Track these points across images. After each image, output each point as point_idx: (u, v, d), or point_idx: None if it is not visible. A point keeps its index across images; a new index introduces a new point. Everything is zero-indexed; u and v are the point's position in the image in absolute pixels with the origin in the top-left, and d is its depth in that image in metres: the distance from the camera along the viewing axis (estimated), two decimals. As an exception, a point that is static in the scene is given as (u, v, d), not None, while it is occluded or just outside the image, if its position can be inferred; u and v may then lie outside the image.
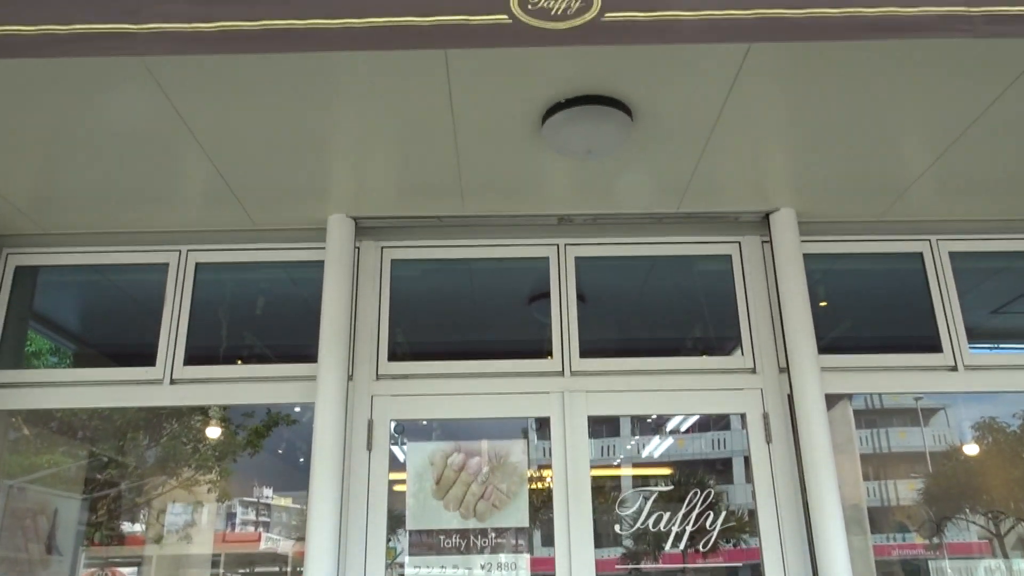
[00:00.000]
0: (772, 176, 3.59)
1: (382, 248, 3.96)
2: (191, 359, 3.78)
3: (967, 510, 4.89)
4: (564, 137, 3.11)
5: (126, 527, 6.38)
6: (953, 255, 3.98)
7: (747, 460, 3.72)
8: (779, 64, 2.83)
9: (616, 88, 2.95)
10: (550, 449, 3.66)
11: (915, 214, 3.91)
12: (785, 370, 3.70)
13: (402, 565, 3.57)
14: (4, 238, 3.96)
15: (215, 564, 5.99)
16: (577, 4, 2.32)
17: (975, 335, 3.90)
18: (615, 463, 4.69)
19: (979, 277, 4.14)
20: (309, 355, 3.67)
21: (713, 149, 3.33)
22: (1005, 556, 4.41)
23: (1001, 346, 4.16)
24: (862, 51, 2.76)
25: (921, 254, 4.00)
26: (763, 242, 3.97)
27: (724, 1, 2.31)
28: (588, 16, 2.31)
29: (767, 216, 3.88)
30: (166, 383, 3.75)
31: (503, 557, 3.58)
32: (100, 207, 3.71)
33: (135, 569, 5.91)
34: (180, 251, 3.96)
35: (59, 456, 5.35)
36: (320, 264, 3.76)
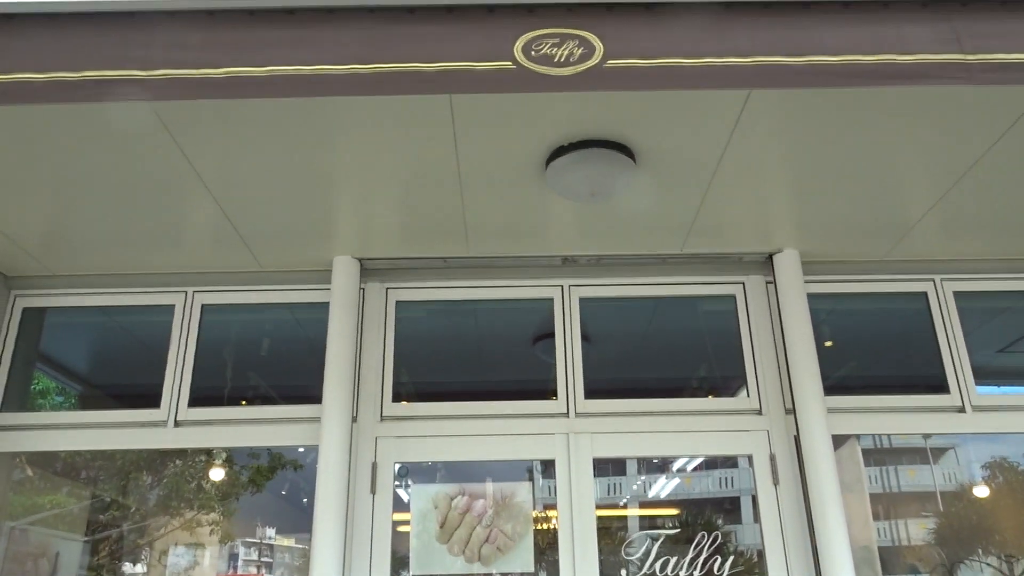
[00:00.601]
0: (775, 217, 3.61)
1: (387, 289, 3.97)
2: (195, 401, 3.78)
3: (980, 551, 4.82)
4: (568, 180, 3.14)
5: (128, 569, 6.31)
6: (958, 295, 3.98)
7: (755, 499, 3.68)
8: (781, 106, 2.86)
9: (619, 131, 2.99)
10: (555, 489, 3.63)
11: (919, 254, 3.92)
12: (791, 411, 3.68)
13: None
14: (12, 280, 3.99)
15: (217, 607, 5.91)
16: (580, 51, 2.36)
17: (981, 375, 3.88)
18: (621, 503, 4.64)
19: (984, 317, 4.13)
20: (313, 396, 3.66)
21: (716, 190, 3.36)
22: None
23: (1008, 386, 4.13)
24: (863, 93, 2.79)
25: (925, 294, 4.00)
26: (767, 282, 3.98)
27: (724, 49, 2.35)
28: (591, 63, 2.35)
29: (771, 257, 3.89)
30: (170, 425, 3.74)
31: (509, 602, 3.54)
32: (108, 249, 3.74)
33: (136, 612, 5.83)
34: (186, 293, 3.97)
35: (61, 497, 5.32)
36: (325, 305, 3.77)
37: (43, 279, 3.99)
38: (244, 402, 3.97)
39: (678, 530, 3.81)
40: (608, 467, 4.04)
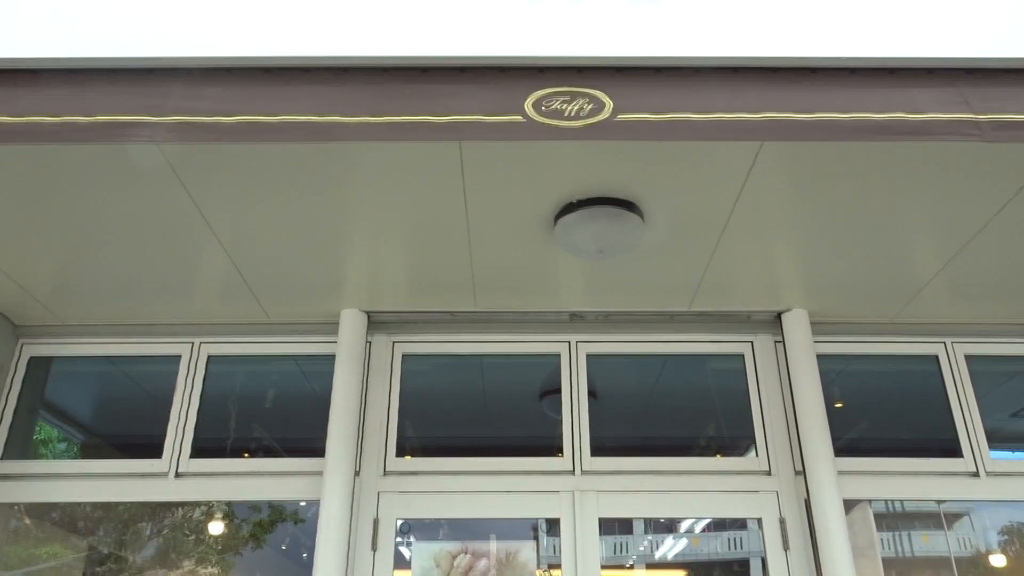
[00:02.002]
0: (784, 276, 3.60)
1: (393, 342, 3.96)
2: (198, 452, 3.74)
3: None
4: (576, 237, 3.15)
5: (122, 624, 6.17)
6: (969, 358, 3.94)
7: (764, 563, 3.59)
8: (790, 166, 2.88)
9: (628, 189, 3.00)
10: (560, 548, 3.55)
11: (929, 316, 3.90)
12: (801, 473, 3.61)
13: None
14: (20, 328, 4.00)
15: (213, 665, 5.76)
16: (590, 107, 2.39)
17: (995, 439, 3.82)
18: (628, 563, 4.53)
19: (997, 380, 4.07)
20: (316, 449, 3.62)
21: (724, 249, 3.36)
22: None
23: (1022, 450, 4.05)
24: (874, 152, 2.81)
25: (936, 356, 3.96)
26: (776, 341, 3.95)
27: (734, 105, 2.38)
28: (601, 117, 2.37)
29: (779, 315, 3.87)
30: (171, 477, 3.70)
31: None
32: (117, 298, 3.76)
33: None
34: (193, 343, 3.97)
35: (58, 548, 5.24)
36: (331, 357, 3.76)
37: (51, 327, 4.00)
38: (247, 454, 3.93)
39: (686, 594, 3.71)
40: (614, 526, 3.96)
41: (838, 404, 3.92)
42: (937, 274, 3.55)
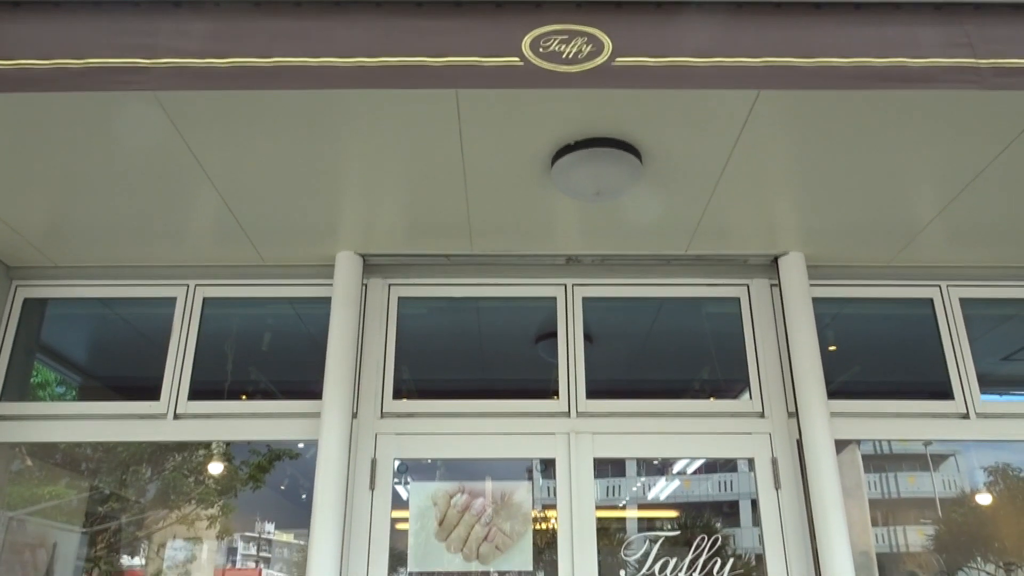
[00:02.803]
0: (781, 220, 3.59)
1: (389, 285, 3.96)
2: (196, 394, 3.77)
3: (979, 559, 4.80)
4: (573, 179, 3.12)
5: (126, 561, 6.31)
6: (964, 301, 3.96)
7: (754, 503, 3.67)
8: (789, 109, 2.84)
9: (626, 131, 2.97)
10: (555, 489, 3.61)
11: (925, 260, 3.90)
12: (794, 415, 3.66)
13: (404, 607, 3.51)
14: (14, 270, 3.98)
15: (214, 602, 5.90)
16: (588, 49, 2.34)
17: (985, 382, 3.86)
18: (621, 504, 4.62)
19: (990, 324, 4.11)
20: (314, 392, 3.65)
21: (722, 192, 3.34)
22: (1019, 610, 4.31)
23: (1012, 393, 4.11)
24: (872, 99, 2.77)
25: (931, 300, 3.98)
26: (772, 285, 3.96)
27: (734, 49, 2.33)
28: (599, 60, 2.33)
29: (776, 259, 3.87)
30: (170, 418, 3.73)
31: (506, 602, 3.52)
32: (110, 241, 3.73)
33: (133, 604, 5.83)
34: (188, 286, 3.96)
35: (61, 488, 5.32)
36: (327, 300, 3.76)
37: (45, 269, 3.98)
38: (244, 396, 3.97)
39: (677, 532, 3.79)
40: (608, 469, 4.03)
41: (832, 348, 3.95)
42: (934, 218, 3.54)
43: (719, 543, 3.67)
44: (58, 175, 3.21)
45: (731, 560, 3.64)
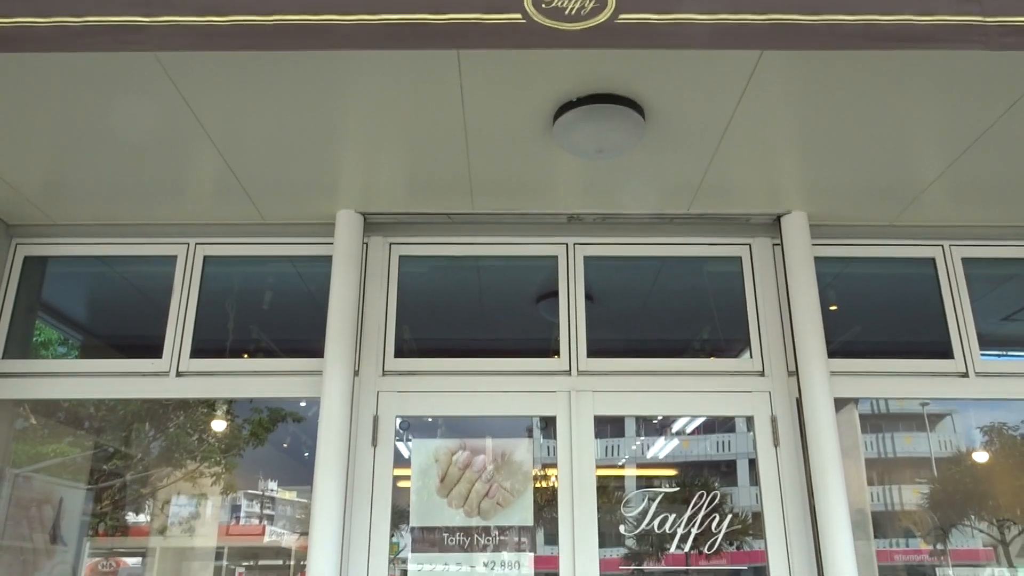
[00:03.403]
0: (784, 179, 3.57)
1: (390, 244, 3.95)
2: (197, 352, 3.78)
3: (973, 517, 4.87)
4: (575, 136, 3.10)
5: (131, 518, 6.41)
6: (966, 261, 3.96)
7: (752, 463, 3.71)
8: (793, 67, 2.81)
9: (629, 87, 2.93)
10: (555, 448, 3.65)
11: (928, 219, 3.89)
12: (794, 373, 3.68)
13: (405, 561, 3.56)
14: (14, 228, 3.97)
15: (219, 556, 6.02)
16: (591, 4, 2.30)
17: (986, 342, 3.88)
18: (620, 463, 4.68)
19: (991, 284, 4.11)
20: (315, 350, 3.66)
21: (725, 151, 3.31)
22: (1010, 564, 4.38)
23: (1011, 353, 4.13)
24: (876, 57, 2.74)
25: (933, 259, 3.97)
26: (774, 244, 3.95)
27: (739, 5, 2.29)
28: (602, 17, 2.29)
29: (778, 218, 3.86)
30: (172, 375, 3.75)
31: (506, 555, 3.57)
32: (109, 198, 3.71)
33: (139, 560, 5.94)
34: (188, 244, 3.95)
35: (65, 446, 5.37)
36: (328, 259, 3.75)
37: (44, 227, 3.96)
38: (246, 354, 3.98)
39: (676, 489, 3.84)
40: (607, 429, 4.07)
41: (833, 307, 3.95)
42: (938, 177, 3.52)
43: (717, 499, 3.72)
44: (56, 132, 3.18)
45: (729, 516, 3.69)
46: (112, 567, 5.88)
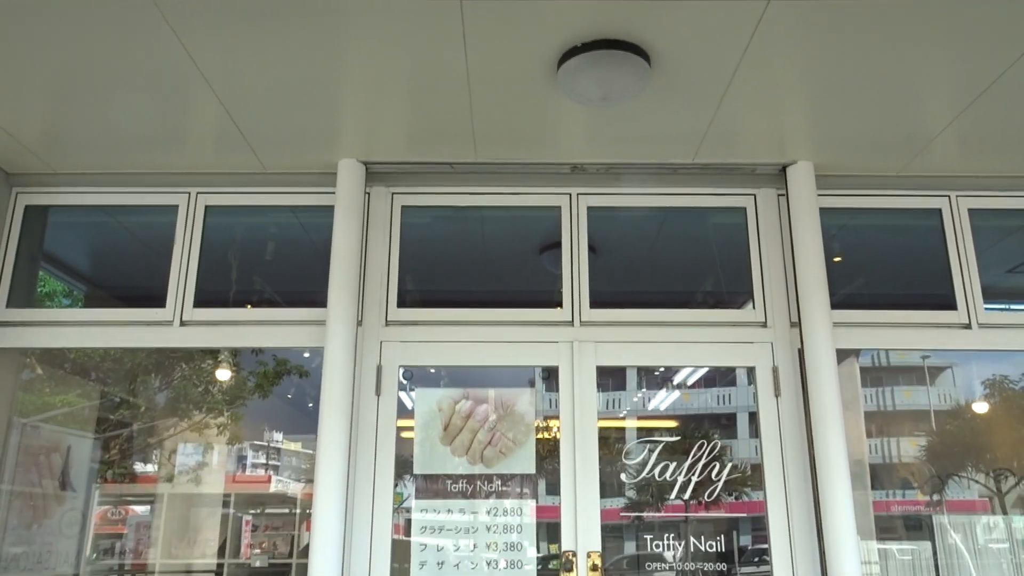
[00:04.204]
0: (790, 128, 3.52)
1: (392, 194, 3.92)
2: (201, 302, 3.79)
3: (969, 468, 4.92)
4: (580, 83, 3.05)
5: (138, 467, 6.51)
6: (972, 212, 3.92)
7: (752, 416, 3.73)
8: (801, 12, 2.75)
9: (634, 32, 2.88)
10: (557, 401, 3.67)
11: (935, 169, 3.85)
12: (796, 324, 3.68)
13: (409, 510, 3.61)
14: (13, 176, 3.95)
15: (226, 504, 6.12)
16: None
17: (990, 294, 3.87)
18: (621, 415, 4.72)
19: (997, 236, 4.08)
20: (318, 300, 3.66)
21: (731, 98, 3.26)
22: (1004, 514, 4.44)
23: (1015, 305, 4.12)
24: (886, 4, 2.69)
25: (940, 210, 3.94)
26: (779, 195, 3.92)
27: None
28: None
29: (784, 169, 3.82)
30: (176, 325, 3.76)
31: (508, 503, 3.62)
32: (109, 147, 3.68)
33: (148, 508, 6.05)
34: (190, 193, 3.93)
35: (72, 397, 5.43)
36: (330, 209, 3.73)
37: (44, 176, 3.94)
38: (249, 305, 3.99)
39: (677, 439, 3.87)
40: (608, 382, 4.09)
41: (837, 259, 3.94)
42: (946, 127, 3.47)
43: (717, 448, 3.75)
44: (53, 80, 3.14)
45: (729, 466, 3.73)
46: (121, 515, 5.99)
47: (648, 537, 3.76)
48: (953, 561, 3.96)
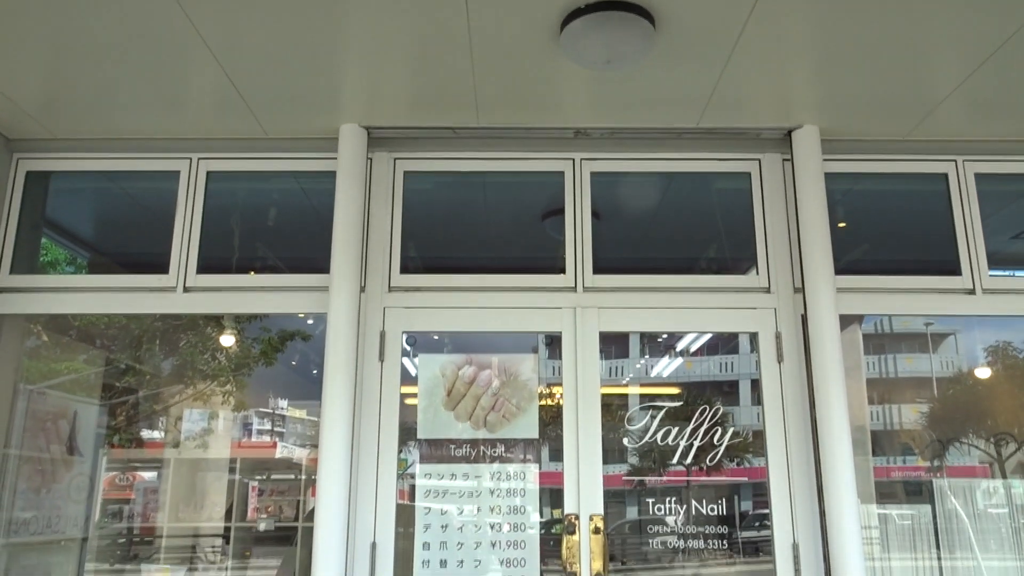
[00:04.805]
0: (796, 91, 3.48)
1: (395, 159, 3.90)
2: (204, 268, 3.79)
3: (970, 434, 4.94)
4: (583, 45, 3.01)
5: (144, 433, 6.57)
6: (979, 177, 3.89)
7: (754, 383, 3.74)
8: (811, -31, 2.71)
9: (639, -8, 2.84)
10: (560, 368, 3.67)
11: (942, 134, 3.81)
12: (800, 290, 3.67)
13: (413, 476, 3.64)
14: (13, 142, 3.93)
15: (232, 470, 6.18)
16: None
17: (995, 260, 3.85)
18: (624, 382, 4.73)
19: (1003, 201, 4.05)
20: (321, 266, 3.66)
21: (737, 61, 3.22)
22: (1004, 478, 4.47)
23: (1020, 271, 4.10)
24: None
25: (946, 175, 3.91)
26: (784, 160, 3.88)
27: None
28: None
29: (789, 133, 3.79)
30: (179, 291, 3.76)
31: (512, 468, 3.65)
32: (109, 112, 3.66)
33: (155, 474, 6.11)
34: (191, 159, 3.91)
35: (78, 364, 5.46)
36: (332, 175, 3.71)
37: (45, 142, 3.92)
38: (252, 271, 3.99)
39: (680, 403, 3.89)
40: (611, 350, 4.09)
41: (841, 224, 3.92)
42: (955, 90, 3.43)
43: (720, 414, 3.77)
44: (51, 42, 3.11)
45: (730, 431, 3.75)
46: (129, 480, 6.06)
47: (650, 501, 3.80)
48: (952, 525, 3.99)
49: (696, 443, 3.74)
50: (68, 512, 4.48)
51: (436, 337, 3.88)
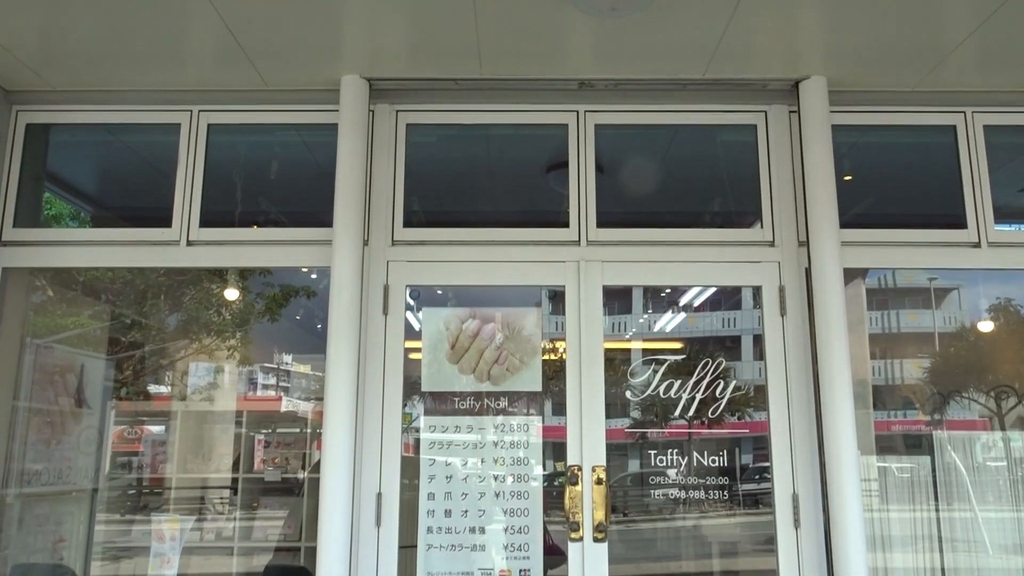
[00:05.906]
0: (804, 40, 3.42)
1: (397, 112, 3.86)
2: (207, 221, 3.78)
3: (971, 388, 4.98)
4: (588, -9, 2.96)
5: (151, 387, 6.65)
6: (988, 129, 3.84)
7: (756, 338, 3.74)
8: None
9: (646, -63, 2.77)
10: (563, 324, 3.68)
11: (951, 84, 3.75)
12: (804, 244, 3.66)
13: (418, 430, 3.68)
14: (13, 94, 3.89)
15: (238, 423, 6.26)
16: None
17: (1002, 214, 3.82)
18: (627, 337, 4.76)
19: (1010, 153, 4.01)
20: (324, 220, 3.65)
21: (744, 9, 3.16)
22: (1004, 431, 4.50)
23: (1026, 225, 4.08)
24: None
25: (954, 127, 3.86)
26: (790, 112, 3.83)
27: None
28: None
29: (796, 84, 3.73)
30: (183, 244, 3.76)
31: (515, 420, 3.68)
32: (108, 64, 3.61)
33: (163, 428, 6.20)
34: (192, 111, 3.87)
35: (84, 319, 5.50)
36: (334, 127, 3.68)
37: (44, 94, 3.88)
38: (255, 224, 3.98)
39: (682, 357, 3.91)
40: (614, 305, 4.10)
41: (848, 177, 3.88)
42: (966, 38, 3.37)
43: (722, 367, 3.79)
44: (47, -10, 3.07)
45: (732, 384, 3.77)
46: (137, 433, 6.14)
47: (652, 453, 3.84)
48: (951, 478, 4.04)
49: (698, 396, 3.76)
50: (79, 464, 4.55)
51: (440, 291, 3.89)
